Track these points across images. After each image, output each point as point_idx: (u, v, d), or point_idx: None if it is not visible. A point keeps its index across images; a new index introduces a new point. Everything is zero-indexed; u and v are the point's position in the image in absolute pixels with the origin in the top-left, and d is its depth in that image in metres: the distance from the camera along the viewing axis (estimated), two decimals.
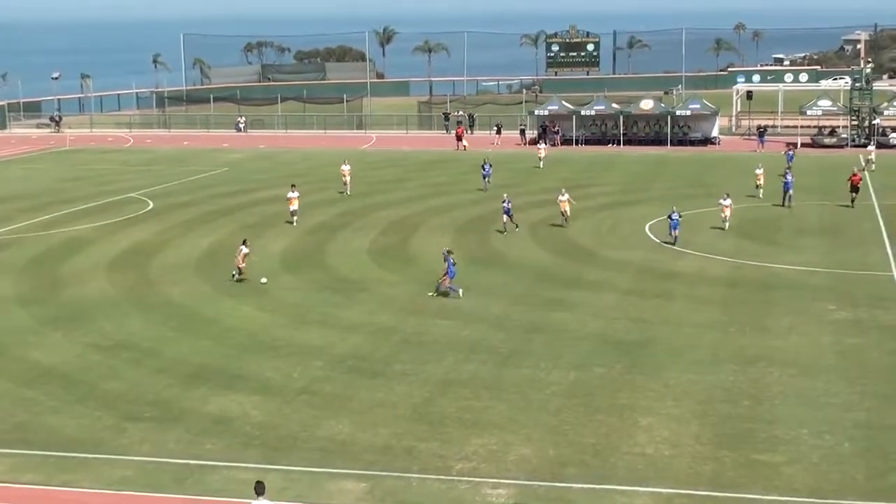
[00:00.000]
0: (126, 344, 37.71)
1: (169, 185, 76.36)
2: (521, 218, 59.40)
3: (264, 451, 27.87)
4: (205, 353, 36.58)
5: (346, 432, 29.07)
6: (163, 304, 43.27)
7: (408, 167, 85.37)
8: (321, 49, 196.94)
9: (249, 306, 42.54)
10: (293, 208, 59.22)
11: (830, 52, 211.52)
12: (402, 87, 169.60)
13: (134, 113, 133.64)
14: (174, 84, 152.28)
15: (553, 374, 33.53)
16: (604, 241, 53.96)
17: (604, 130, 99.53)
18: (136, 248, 54.53)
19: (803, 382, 32.41)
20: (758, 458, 26.92)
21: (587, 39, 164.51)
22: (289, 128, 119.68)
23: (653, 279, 46.19)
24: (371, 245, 54.14)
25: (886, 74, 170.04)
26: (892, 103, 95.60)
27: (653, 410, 30.25)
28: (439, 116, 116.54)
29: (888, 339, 36.73)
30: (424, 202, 67.09)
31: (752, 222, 58.05)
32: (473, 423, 29.53)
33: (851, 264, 48.06)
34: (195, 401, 31.74)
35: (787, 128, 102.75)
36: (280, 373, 34.19)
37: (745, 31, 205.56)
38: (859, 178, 63.28)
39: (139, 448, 28.24)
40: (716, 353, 35.36)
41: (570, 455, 27.29)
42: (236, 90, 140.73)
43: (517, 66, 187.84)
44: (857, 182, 62.75)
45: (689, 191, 69.98)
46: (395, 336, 38.02)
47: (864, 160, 77.49)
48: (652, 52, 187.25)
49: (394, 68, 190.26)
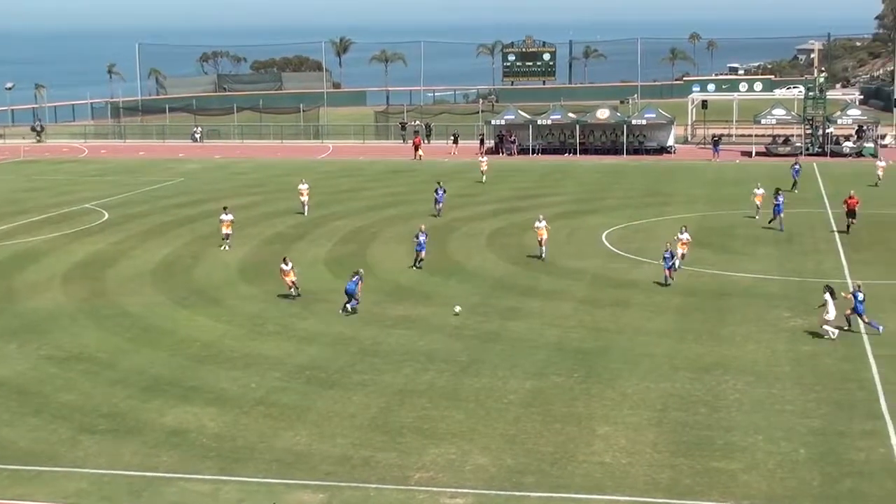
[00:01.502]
0: (81, 356, 37.44)
1: (124, 196, 75.92)
2: (477, 227, 59.59)
3: (221, 463, 27.74)
4: (161, 364, 36.37)
5: (304, 443, 28.99)
6: (118, 315, 42.99)
7: (364, 177, 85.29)
8: (277, 59, 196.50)
9: (205, 317, 42.34)
10: (226, 232, 55.85)
11: (784, 61, 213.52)
12: (359, 97, 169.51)
13: (89, 123, 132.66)
14: (129, 94, 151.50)
15: (510, 383, 33.57)
16: (560, 250, 54.08)
17: (560, 140, 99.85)
18: (92, 259, 54.17)
19: (759, 390, 32.62)
20: (714, 465, 27.06)
21: (543, 49, 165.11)
22: (245, 138, 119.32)
23: (609, 288, 46.36)
24: (328, 255, 54.05)
25: (839, 84, 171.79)
26: (845, 112, 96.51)
27: (610, 419, 30.35)
28: (396, 126, 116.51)
29: (842, 347, 37.01)
30: (381, 212, 67.05)
31: (709, 231, 58.35)
32: (431, 433, 29.52)
33: (806, 272, 48.43)
34: (151, 412, 31.55)
35: (741, 137, 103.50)
36: (237, 384, 34.04)
37: (699, 40, 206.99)
38: (856, 202, 57.64)
39: (95, 460, 28.03)
40: (672, 362, 35.52)
41: (528, 464, 27.32)
42: (192, 100, 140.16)
43: (474, 75, 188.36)
44: (854, 206, 57.38)
45: (645, 199, 70.33)
46: (352, 346, 37.95)
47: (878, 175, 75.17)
48: (608, 62, 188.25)
49: (350, 78, 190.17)
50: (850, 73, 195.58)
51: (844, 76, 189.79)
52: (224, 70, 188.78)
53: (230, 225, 55.86)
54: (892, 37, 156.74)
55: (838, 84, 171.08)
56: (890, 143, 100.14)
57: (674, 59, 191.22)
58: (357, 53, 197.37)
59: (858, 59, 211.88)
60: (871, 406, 31.08)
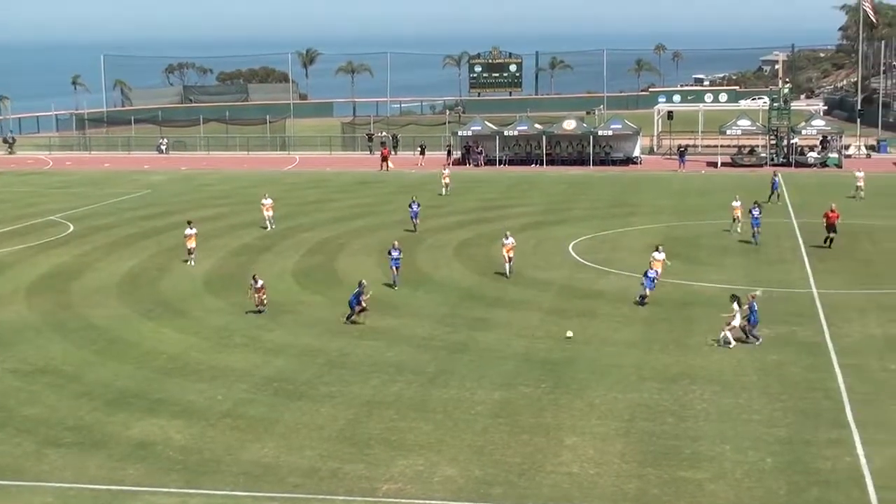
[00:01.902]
0: (46, 368, 37.18)
1: (90, 208, 75.53)
2: (445, 238, 59.66)
3: (187, 476, 27.57)
4: (126, 376, 36.15)
5: (271, 455, 28.86)
6: (84, 327, 42.73)
7: (332, 188, 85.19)
8: (244, 70, 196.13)
9: (172, 329, 42.14)
10: (190, 246, 54.34)
11: (749, 72, 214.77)
12: (326, 108, 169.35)
13: (53, 135, 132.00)
14: (94, 106, 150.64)
15: (478, 394, 33.56)
16: (527, 261, 54.11)
17: (527, 151, 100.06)
18: (57, 271, 53.84)
19: (726, 399, 32.72)
20: (682, 474, 27.11)
21: (510, 60, 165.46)
22: (211, 149, 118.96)
23: (576, 298, 46.44)
24: (295, 267, 53.90)
25: (804, 94, 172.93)
26: (809, 123, 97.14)
27: (577, 429, 30.36)
28: (363, 137, 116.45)
29: (807, 355, 37.22)
30: (349, 223, 66.96)
31: (675, 241, 58.54)
32: (399, 444, 29.46)
33: (772, 282, 48.63)
34: (117, 425, 31.35)
35: (707, 147, 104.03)
36: (203, 396, 33.88)
37: (665, 52, 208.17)
38: (837, 216, 55.65)
39: (60, 474, 27.81)
40: (639, 372, 35.59)
41: (496, 475, 27.30)
42: (158, 112, 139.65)
43: (440, 86, 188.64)
44: (835, 220, 55.42)
45: (611, 210, 70.54)
46: (319, 358, 37.85)
47: (854, 188, 74.15)
48: (574, 73, 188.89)
49: (317, 89, 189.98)
50: (814, 84, 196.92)
51: (809, 87, 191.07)
52: (190, 81, 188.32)
53: (194, 239, 54.51)
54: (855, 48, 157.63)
55: (802, 95, 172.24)
56: (854, 154, 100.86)
57: (639, 71, 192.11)
58: (323, 65, 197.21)
59: (822, 70, 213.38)
60: (837, 415, 31.23)
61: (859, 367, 35.73)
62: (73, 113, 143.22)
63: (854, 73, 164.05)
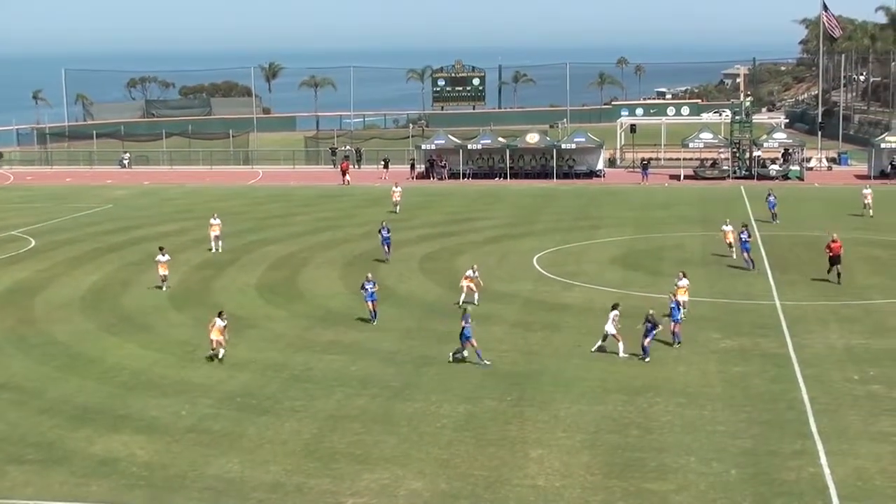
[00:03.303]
0: (8, 385, 36.86)
1: (51, 223, 75.07)
2: (409, 252, 59.65)
3: (152, 492, 27.40)
4: (89, 392, 35.91)
5: (236, 470, 28.72)
6: (45, 343, 42.42)
7: (295, 202, 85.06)
8: (206, 84, 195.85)
9: (135, 344, 41.89)
10: (163, 273, 51.74)
11: (711, 85, 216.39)
12: (289, 123, 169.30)
13: (14, 150, 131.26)
14: (56, 120, 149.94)
15: (444, 408, 33.52)
16: (491, 274, 54.11)
17: (491, 164, 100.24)
18: (18, 286, 53.45)
19: (691, 411, 32.82)
20: (647, 486, 27.16)
21: (473, 74, 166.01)
22: (174, 164, 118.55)
23: (541, 311, 46.49)
24: (258, 281, 53.71)
25: (765, 108, 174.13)
26: (771, 136, 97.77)
27: (543, 442, 30.37)
28: (326, 151, 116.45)
29: (771, 367, 37.39)
30: (312, 237, 66.83)
31: (638, 253, 58.77)
32: (364, 458, 29.38)
33: (735, 294, 48.88)
34: (80, 441, 31.12)
35: (670, 160, 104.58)
36: (167, 411, 33.68)
37: (627, 65, 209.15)
38: (839, 246, 50.60)
39: (23, 491, 27.57)
40: (604, 384, 35.65)
41: (462, 488, 27.26)
42: (120, 126, 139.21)
43: (404, 100, 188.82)
44: (838, 250, 50.50)
45: (575, 223, 70.71)
46: (283, 372, 37.71)
47: (863, 204, 71.94)
48: (537, 87, 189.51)
49: (280, 103, 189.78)
50: (775, 98, 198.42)
51: (770, 100, 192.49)
52: (152, 95, 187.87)
53: (166, 266, 51.92)
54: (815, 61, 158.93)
55: (764, 108, 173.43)
56: (815, 166, 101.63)
57: (602, 84, 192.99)
58: (286, 79, 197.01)
59: (783, 84, 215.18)
60: (801, 426, 31.37)
61: (822, 378, 35.92)
62: (35, 127, 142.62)
63: (815, 87, 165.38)
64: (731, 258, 55.78)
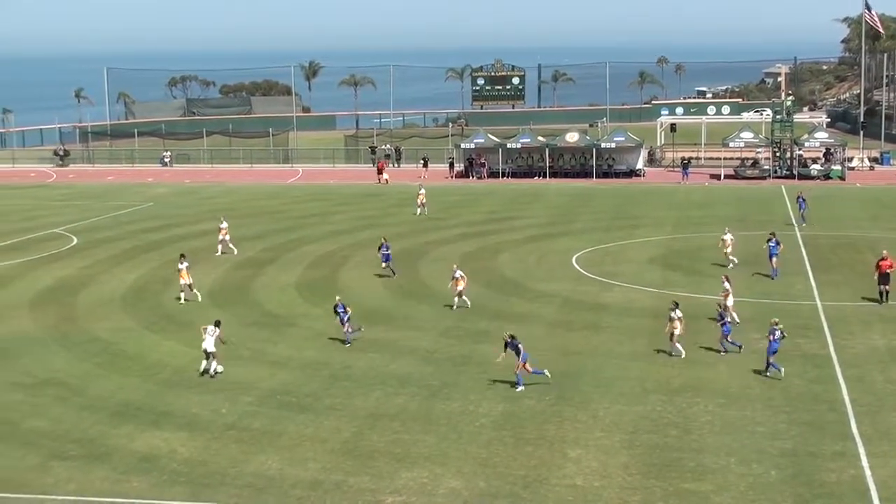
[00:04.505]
0: (50, 381, 37.19)
1: (93, 221, 75.62)
2: (448, 251, 59.70)
3: (192, 488, 27.58)
4: (131, 389, 36.17)
5: (275, 468, 28.86)
6: (87, 340, 42.76)
7: (334, 201, 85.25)
8: (247, 83, 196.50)
9: (176, 342, 42.15)
10: (184, 282, 49.35)
11: (752, 85, 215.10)
12: (329, 121, 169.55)
13: (57, 148, 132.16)
14: (98, 119, 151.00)
15: (482, 407, 33.54)
16: (530, 274, 54.15)
17: (530, 163, 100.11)
18: (61, 284, 53.87)
19: (730, 411, 32.70)
20: (686, 486, 27.09)
21: (512, 73, 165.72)
22: (214, 162, 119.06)
23: (580, 311, 46.43)
24: (298, 280, 53.90)
25: (806, 107, 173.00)
26: (812, 135, 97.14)
27: (581, 441, 30.35)
28: (366, 150, 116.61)
29: (812, 367, 37.21)
30: (351, 236, 66.98)
31: (677, 253, 58.60)
32: (403, 457, 29.45)
33: (775, 294, 48.64)
34: (121, 438, 31.36)
35: (710, 160, 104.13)
36: (207, 409, 33.88)
37: (667, 64, 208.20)
38: (890, 265, 47.07)
39: (65, 487, 27.82)
40: (643, 384, 35.57)
41: (500, 487, 27.28)
42: (161, 125, 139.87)
43: (443, 99, 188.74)
44: (887, 268, 47.00)
45: (614, 223, 70.53)
46: (323, 371, 37.84)
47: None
48: (576, 86, 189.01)
49: (320, 102, 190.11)
50: (816, 97, 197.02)
51: (811, 99, 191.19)
52: (193, 94, 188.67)
53: (187, 273, 49.39)
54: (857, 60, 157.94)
55: (805, 107, 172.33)
56: (857, 166, 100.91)
57: (642, 83, 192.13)
58: (326, 78, 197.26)
59: (825, 83, 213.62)
60: (842, 427, 31.21)
61: (863, 379, 35.73)
62: (77, 126, 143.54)
63: (856, 86, 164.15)
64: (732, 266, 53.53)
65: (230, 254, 60.27)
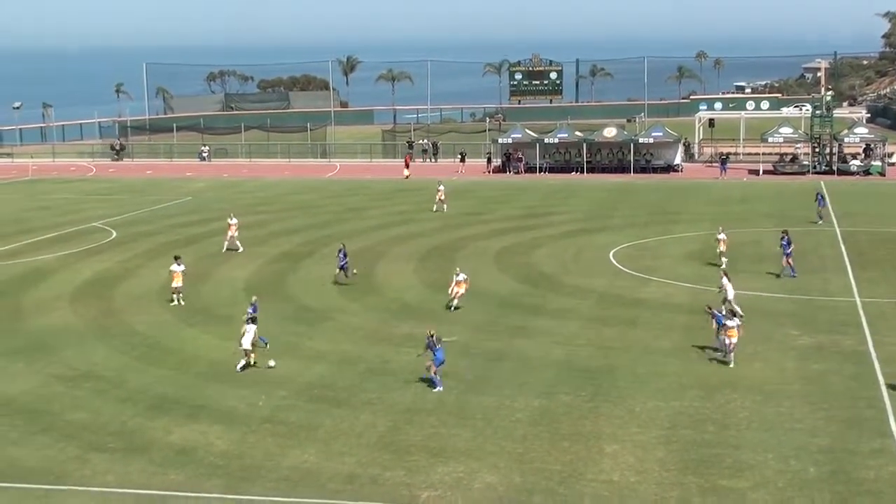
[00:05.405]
0: (89, 374, 37.45)
1: (132, 215, 76.04)
2: (484, 246, 59.72)
3: (228, 481, 27.70)
4: (168, 382, 36.37)
5: (312, 461, 28.95)
6: (126, 333, 43.02)
7: (371, 196, 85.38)
8: (285, 78, 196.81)
9: (212, 335, 42.33)
10: (176, 284, 47.91)
11: (791, 79, 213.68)
12: (366, 116, 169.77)
13: (96, 142, 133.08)
14: (137, 113, 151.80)
15: (518, 402, 33.52)
16: (567, 269, 54.08)
17: (567, 158, 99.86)
18: (100, 277, 54.23)
19: (768, 408, 32.54)
20: (723, 483, 26.99)
21: (550, 68, 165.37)
22: (252, 157, 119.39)
23: (616, 306, 46.31)
24: (335, 274, 53.95)
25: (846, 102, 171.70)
26: (852, 130, 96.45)
27: (618, 437, 30.28)
28: (403, 145, 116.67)
29: (850, 365, 36.96)
30: (388, 231, 67.06)
31: (714, 249, 58.27)
32: (439, 451, 29.47)
33: (813, 290, 48.36)
34: (159, 431, 31.54)
35: (748, 155, 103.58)
36: (244, 402, 34.02)
37: (706, 59, 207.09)
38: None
39: (103, 479, 28.01)
40: (680, 380, 35.45)
41: (537, 482, 27.26)
42: (199, 119, 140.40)
43: (480, 94, 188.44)
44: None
45: (652, 218, 70.28)
46: (359, 365, 37.91)
47: None
48: (614, 81, 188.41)
49: (357, 97, 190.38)
50: (856, 92, 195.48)
51: (851, 94, 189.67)
52: (231, 89, 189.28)
53: (181, 277, 48.06)
54: None
55: (845, 102, 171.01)
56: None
57: (680, 78, 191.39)
58: (364, 72, 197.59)
59: (865, 78, 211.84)
60: (881, 424, 31.00)
61: None
62: (116, 120, 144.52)
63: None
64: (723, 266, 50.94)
65: (235, 251, 59.84)
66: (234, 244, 60.35)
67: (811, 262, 54.67)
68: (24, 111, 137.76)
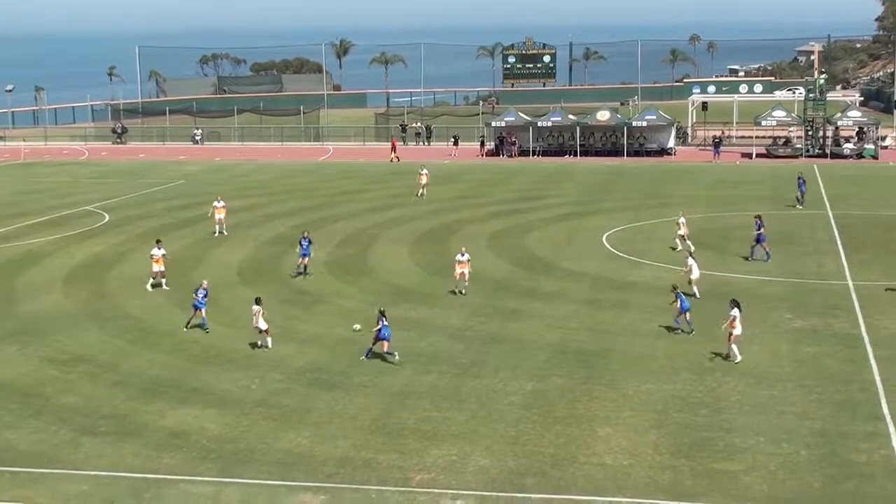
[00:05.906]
0: (82, 357, 37.42)
1: (125, 198, 75.93)
2: (478, 229, 59.70)
3: (222, 465, 27.72)
4: (161, 366, 36.36)
5: (305, 445, 28.97)
6: (119, 316, 42.98)
7: (365, 179, 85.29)
8: (278, 61, 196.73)
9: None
10: (158, 269, 47.76)
11: (784, 63, 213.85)
12: (359, 99, 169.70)
13: (89, 125, 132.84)
14: (129, 97, 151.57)
15: (511, 385, 33.56)
16: (560, 252, 54.09)
17: (560, 141, 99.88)
18: (93, 261, 54.16)
19: (760, 391, 32.60)
20: (715, 466, 27.05)
21: (543, 51, 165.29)
22: (245, 140, 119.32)
23: (609, 289, 46.33)
24: (328, 257, 53.93)
25: (840, 85, 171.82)
26: (845, 114, 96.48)
27: (611, 420, 30.33)
28: (396, 128, 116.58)
29: (843, 348, 37.01)
30: (381, 214, 67.01)
31: (708, 232, 58.35)
32: (432, 435, 29.50)
33: (807, 273, 48.42)
34: (152, 414, 31.53)
35: (742, 138, 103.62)
36: (237, 385, 34.02)
37: (699, 42, 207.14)
38: None
39: (96, 462, 28.01)
40: (672, 363, 35.50)
41: (529, 465, 27.31)
42: (192, 102, 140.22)
43: (474, 77, 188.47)
44: None
45: (645, 201, 70.30)
46: (353, 348, 37.88)
47: None
48: (608, 64, 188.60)
49: (351, 80, 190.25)
50: (850, 75, 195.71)
51: (845, 78, 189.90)
52: (224, 72, 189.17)
53: (162, 261, 47.79)
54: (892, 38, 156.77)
55: (838, 86, 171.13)
56: (890, 145, 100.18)
57: (674, 61, 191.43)
58: (357, 55, 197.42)
59: (858, 61, 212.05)
60: (873, 408, 31.06)
61: (895, 360, 35.50)
62: (109, 103, 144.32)
63: (890, 64, 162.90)
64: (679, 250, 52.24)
65: (219, 234, 59.56)
66: (222, 228, 60.15)
67: (805, 246, 54.78)
68: (17, 94, 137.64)
